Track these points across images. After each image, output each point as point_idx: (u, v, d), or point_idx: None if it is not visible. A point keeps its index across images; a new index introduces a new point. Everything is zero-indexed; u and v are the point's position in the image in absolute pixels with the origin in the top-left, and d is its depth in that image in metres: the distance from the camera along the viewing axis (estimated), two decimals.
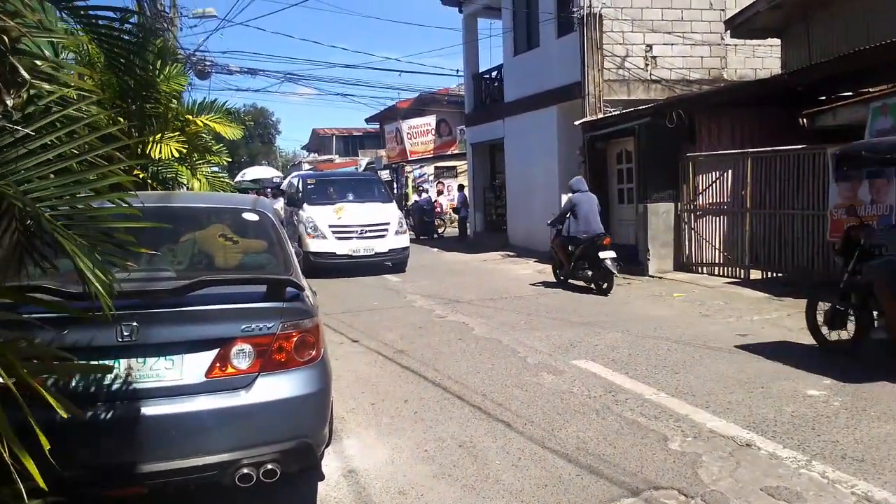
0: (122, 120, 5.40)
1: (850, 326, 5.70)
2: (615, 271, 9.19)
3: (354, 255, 12.10)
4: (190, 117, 7.46)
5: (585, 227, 9.64)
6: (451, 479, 3.63)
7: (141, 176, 6.54)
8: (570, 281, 9.92)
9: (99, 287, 2.06)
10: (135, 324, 2.73)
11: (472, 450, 4.00)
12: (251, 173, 27.40)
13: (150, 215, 3.43)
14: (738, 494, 3.31)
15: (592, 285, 9.47)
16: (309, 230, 12.15)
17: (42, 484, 1.98)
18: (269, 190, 20.02)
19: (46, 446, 2.04)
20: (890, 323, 5.11)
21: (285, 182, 17.80)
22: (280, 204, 15.10)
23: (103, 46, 3.04)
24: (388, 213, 12.82)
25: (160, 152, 6.71)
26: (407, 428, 4.41)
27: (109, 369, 2.70)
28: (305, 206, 12.71)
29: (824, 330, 5.88)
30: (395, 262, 12.58)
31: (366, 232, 12.26)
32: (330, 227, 12.17)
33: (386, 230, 12.44)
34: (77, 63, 5.95)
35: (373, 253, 12.19)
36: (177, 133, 7.08)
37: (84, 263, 2.01)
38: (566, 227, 9.99)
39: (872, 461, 3.63)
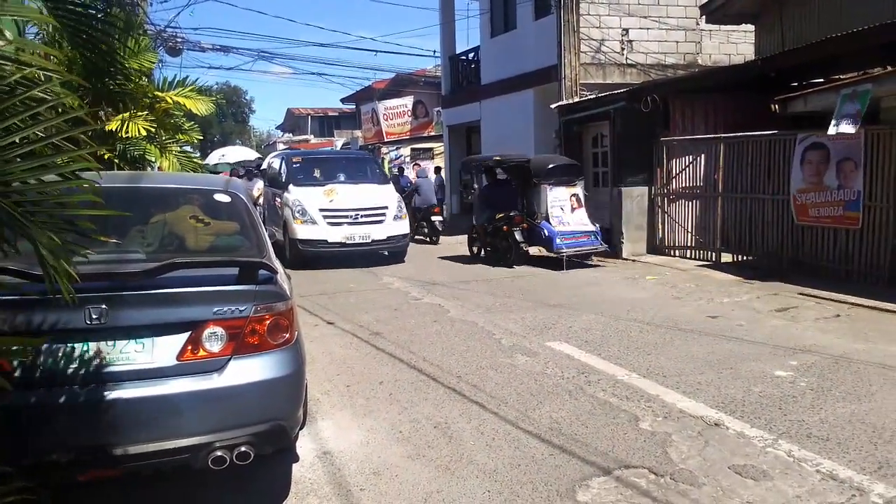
0: (86, 103, 5.25)
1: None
2: (440, 228, 14.23)
3: (348, 242, 10.73)
4: (159, 94, 7.30)
5: (424, 200, 14.41)
6: (425, 459, 3.66)
7: (107, 156, 6.40)
8: (415, 236, 13.48)
9: (59, 272, 2.02)
10: (104, 306, 2.69)
11: (446, 431, 4.03)
12: (231, 154, 25.25)
13: (118, 197, 3.39)
14: (707, 473, 3.38)
15: (428, 239, 14.19)
16: (297, 215, 10.76)
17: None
18: (242, 170, 18.72)
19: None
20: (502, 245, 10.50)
21: (265, 161, 15.79)
22: (259, 185, 14.30)
23: (64, 20, 2.95)
24: (386, 195, 11.49)
25: (127, 131, 6.56)
26: (382, 409, 4.43)
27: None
28: (291, 187, 11.30)
29: (474, 250, 11.16)
30: (392, 251, 11.30)
31: (361, 217, 10.90)
32: (320, 211, 10.78)
33: (383, 215, 11.09)
34: (42, 42, 5.78)
35: (369, 241, 10.83)
36: (145, 112, 6.92)
37: (45, 249, 1.97)
38: (413, 201, 14.33)
39: (837, 440, 3.73)
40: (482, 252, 11.23)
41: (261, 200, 13.86)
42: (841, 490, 3.17)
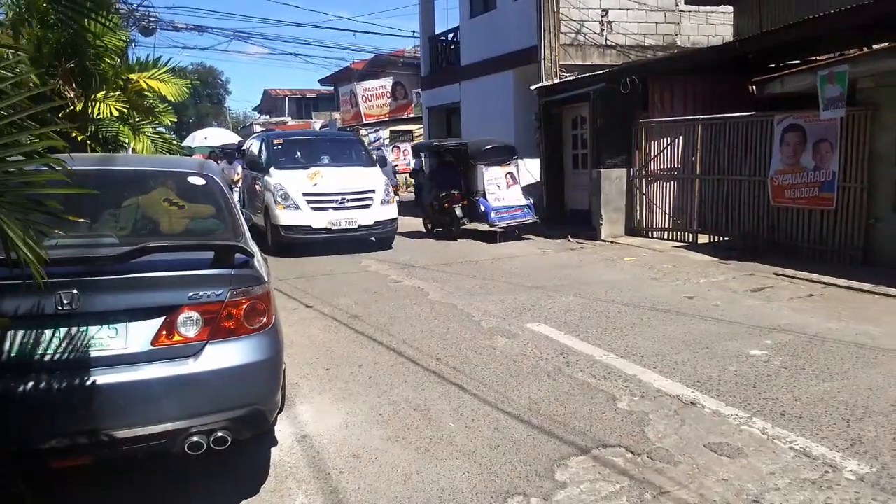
0: (56, 82, 5.13)
1: None
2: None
3: (334, 228, 10.24)
4: (132, 76, 7.15)
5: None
6: (404, 441, 3.66)
7: (80, 138, 6.27)
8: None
9: (29, 255, 1.97)
10: (75, 291, 2.64)
11: (426, 413, 4.03)
12: (214, 137, 23.71)
13: (89, 179, 3.31)
14: (683, 451, 3.43)
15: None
16: (279, 199, 10.22)
17: None
18: (220, 153, 17.70)
19: None
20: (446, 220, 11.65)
21: (246, 143, 15.06)
22: (239, 169, 13.94)
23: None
24: (373, 178, 10.94)
25: (99, 111, 6.42)
26: (361, 392, 4.42)
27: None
28: (273, 170, 10.73)
29: (428, 226, 12.08)
30: (380, 237, 10.85)
31: (347, 201, 10.37)
32: (304, 195, 10.25)
33: (371, 199, 10.55)
34: (9, 20, 5.62)
35: (356, 226, 10.34)
36: (118, 93, 6.78)
37: (13, 231, 1.91)
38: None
39: (810, 418, 3.79)
40: (434, 228, 12.28)
41: (240, 184, 13.71)
42: (814, 467, 3.23)
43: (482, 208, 11.37)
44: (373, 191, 10.63)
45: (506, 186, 11.65)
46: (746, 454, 3.38)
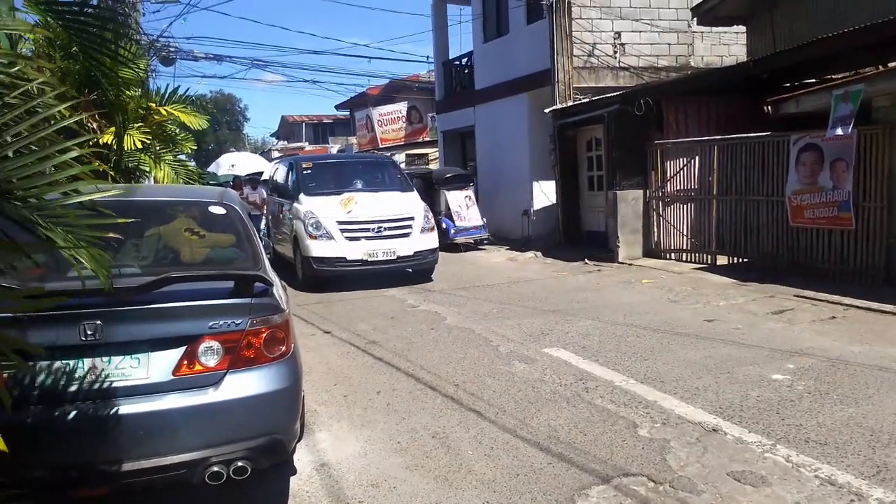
0: (81, 115, 5.25)
1: None
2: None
3: (370, 260, 9.31)
4: (154, 105, 7.29)
5: None
6: (423, 470, 3.64)
7: (102, 168, 6.38)
8: None
9: (100, 269, 2.09)
10: (98, 322, 2.68)
11: (444, 440, 4.02)
12: (242, 164, 20.57)
13: (113, 210, 3.37)
14: (706, 480, 3.38)
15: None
16: (310, 229, 9.33)
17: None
18: (245, 182, 15.97)
19: (4, 448, 2.00)
20: None
21: (270, 168, 14.24)
22: (261, 195, 13.45)
23: (63, 26, 2.99)
24: (411, 204, 10.03)
25: (124, 142, 6.55)
26: (379, 420, 4.41)
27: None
28: (302, 197, 9.89)
29: None
30: (419, 269, 9.86)
31: (384, 230, 9.46)
32: (338, 223, 9.36)
33: (410, 227, 9.65)
34: (35, 55, 5.77)
35: (394, 257, 9.40)
36: (140, 123, 6.91)
37: (82, 252, 2.04)
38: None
39: (835, 444, 3.73)
40: None
41: (265, 209, 13.15)
42: (840, 495, 3.17)
43: (444, 226, 12.99)
44: (412, 218, 9.77)
45: (466, 208, 13.71)
46: (770, 483, 3.32)
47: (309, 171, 10.68)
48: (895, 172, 7.48)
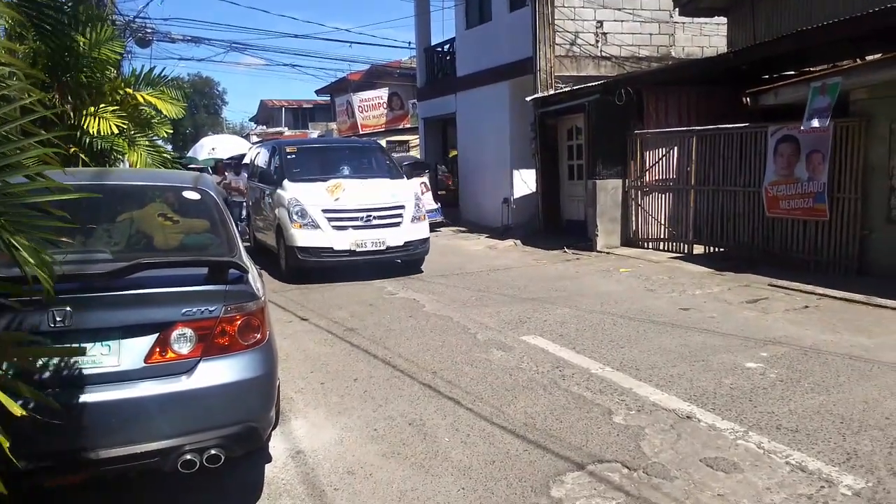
0: (51, 97, 5.12)
1: None
2: None
3: (358, 250, 8.91)
4: (129, 90, 7.14)
5: None
6: (400, 457, 3.64)
7: (72, 150, 6.25)
8: None
9: (38, 269, 1.98)
10: (68, 308, 2.63)
11: (421, 428, 4.02)
12: (222, 147, 19.92)
13: (84, 192, 3.30)
14: (679, 466, 3.42)
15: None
16: (294, 217, 8.91)
17: None
18: (217, 164, 16.35)
19: (6, 444, 1.95)
20: None
21: (250, 152, 13.70)
22: (241, 181, 13.00)
23: (26, 11, 2.90)
24: (402, 192, 9.62)
25: (98, 126, 6.41)
26: (356, 407, 4.40)
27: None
28: (286, 183, 9.41)
29: None
30: (409, 260, 9.50)
31: (373, 218, 9.04)
32: (324, 212, 8.95)
33: (400, 216, 9.24)
34: (7, 35, 5.62)
35: (383, 247, 9.01)
36: (115, 107, 6.77)
37: (21, 244, 1.92)
38: None
39: (806, 432, 3.79)
40: None
41: (226, 195, 13.08)
42: (810, 481, 3.23)
43: None
44: (402, 206, 9.33)
45: (421, 193, 13.20)
46: (742, 469, 3.37)
47: (293, 156, 10.13)
48: (870, 164, 7.59)
